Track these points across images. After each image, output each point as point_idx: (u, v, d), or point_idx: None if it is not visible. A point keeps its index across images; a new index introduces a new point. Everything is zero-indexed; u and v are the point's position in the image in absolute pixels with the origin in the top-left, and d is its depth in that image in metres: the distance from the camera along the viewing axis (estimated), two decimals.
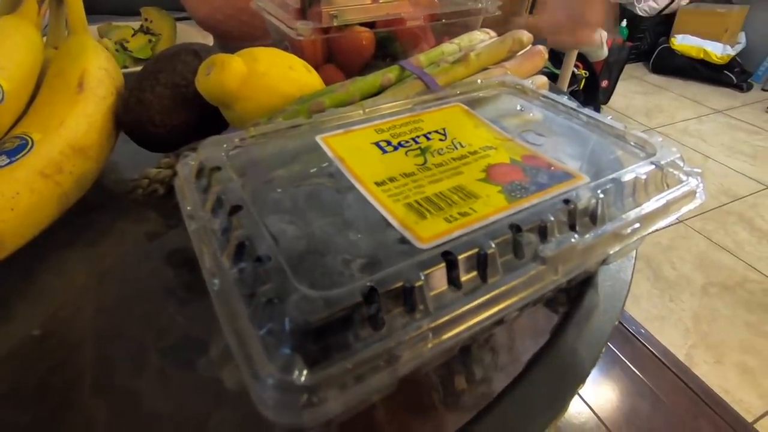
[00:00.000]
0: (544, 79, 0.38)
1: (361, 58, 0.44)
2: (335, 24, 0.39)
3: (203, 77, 0.32)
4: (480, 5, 0.47)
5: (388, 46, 0.45)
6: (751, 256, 1.48)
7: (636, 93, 2.63)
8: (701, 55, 2.67)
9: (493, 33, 0.44)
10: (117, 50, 0.48)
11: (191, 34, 0.56)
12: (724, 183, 1.87)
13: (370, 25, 0.43)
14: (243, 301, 0.16)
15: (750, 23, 2.70)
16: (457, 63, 0.35)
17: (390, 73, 0.35)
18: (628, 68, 2.54)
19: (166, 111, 0.33)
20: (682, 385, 1.07)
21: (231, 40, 0.61)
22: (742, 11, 2.69)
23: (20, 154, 0.27)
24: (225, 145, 0.22)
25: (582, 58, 2.16)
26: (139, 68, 0.49)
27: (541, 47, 0.37)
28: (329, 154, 0.23)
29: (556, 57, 1.85)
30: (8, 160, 0.27)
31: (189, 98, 0.34)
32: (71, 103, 0.31)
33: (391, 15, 0.42)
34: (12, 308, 0.26)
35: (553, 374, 0.21)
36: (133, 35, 0.51)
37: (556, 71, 1.54)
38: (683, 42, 2.71)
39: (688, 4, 2.79)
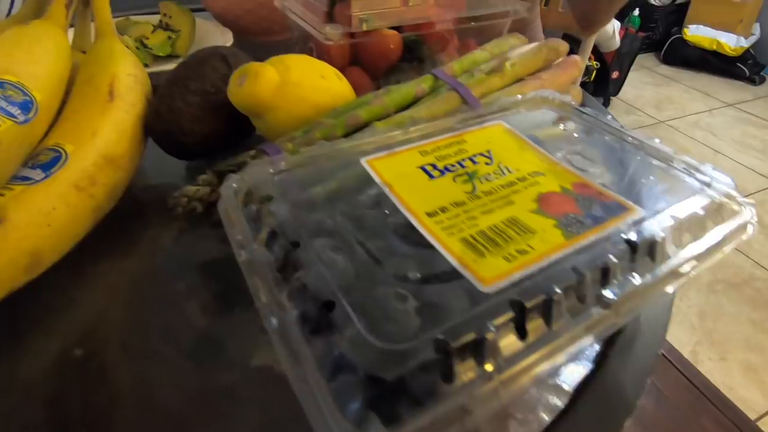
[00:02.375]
0: (578, 89, 0.38)
1: (388, 61, 0.43)
2: (364, 28, 0.38)
3: (236, 87, 0.31)
4: (509, 8, 0.45)
5: (415, 49, 0.44)
6: (758, 253, 1.48)
7: (646, 84, 2.60)
8: (714, 47, 2.63)
9: (523, 38, 0.43)
10: (137, 48, 0.47)
11: (209, 29, 0.55)
12: (734, 179, 1.86)
13: (397, 26, 0.42)
14: (306, 343, 0.15)
15: (765, 14, 2.64)
16: (492, 74, 0.34)
17: (423, 83, 0.34)
18: (639, 58, 2.50)
19: (195, 119, 0.33)
20: (686, 382, 1.08)
21: (249, 35, 0.59)
22: (758, 1, 2.63)
23: (55, 167, 0.27)
24: (270, 170, 0.22)
25: (593, 49, 2.12)
26: (159, 67, 0.48)
27: (576, 57, 0.36)
28: (376, 179, 0.22)
29: (570, 50, 1.82)
30: (44, 175, 0.26)
31: (218, 105, 0.34)
32: (102, 112, 0.30)
33: (421, 19, 0.41)
34: (48, 325, 0.26)
35: (601, 407, 0.21)
36: (152, 32, 0.50)
37: None
38: (696, 32, 2.66)
39: None
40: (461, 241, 0.19)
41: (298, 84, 0.32)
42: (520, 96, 0.29)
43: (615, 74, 2.33)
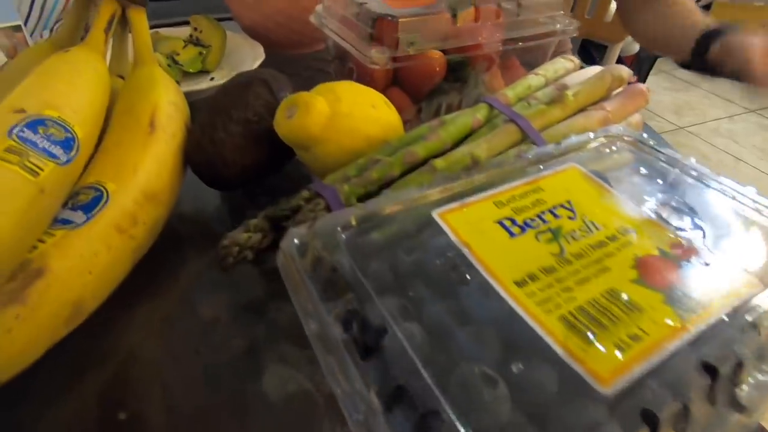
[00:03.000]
0: (638, 117, 0.35)
1: (431, 83, 0.41)
2: (411, 52, 0.36)
3: (284, 120, 0.29)
4: (558, 26, 0.43)
5: (459, 70, 0.42)
6: None
7: (665, 89, 2.55)
8: None
9: (576, 60, 0.40)
10: (169, 65, 0.45)
11: (239, 43, 0.54)
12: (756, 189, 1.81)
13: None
14: None
15: None
16: (552, 104, 0.32)
17: (478, 113, 0.32)
18: (658, 62, 2.46)
19: (238, 150, 0.31)
20: None
21: (279, 47, 0.58)
22: None
23: (96, 209, 0.25)
24: (337, 227, 0.20)
25: None
26: (190, 84, 0.46)
27: (642, 86, 0.33)
28: (452, 238, 0.20)
29: (587, 54, 1.78)
30: (85, 217, 0.25)
31: (261, 134, 0.32)
32: (143, 145, 0.28)
33: (470, 41, 0.39)
34: (87, 380, 0.24)
35: None
36: (183, 47, 0.48)
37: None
38: None
39: None
40: (561, 320, 0.17)
41: (349, 115, 0.30)
42: (592, 134, 0.27)
43: (633, 79, 2.28)
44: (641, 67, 2.27)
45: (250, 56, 0.50)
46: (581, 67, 0.41)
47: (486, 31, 0.40)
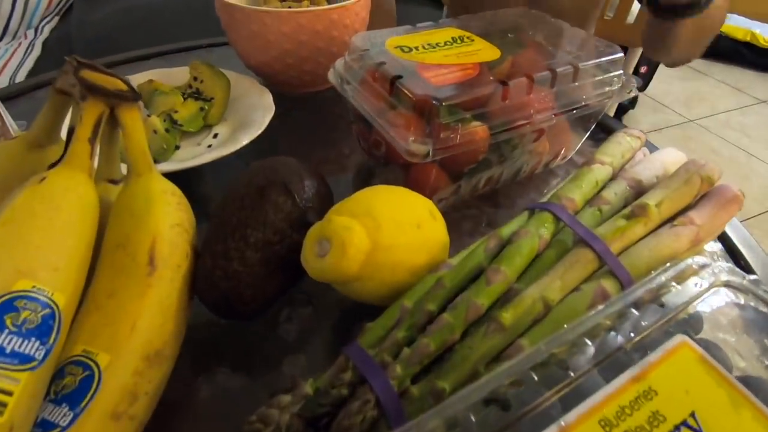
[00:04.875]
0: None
1: (473, 161, 0.35)
2: (458, 141, 0.30)
3: (314, 259, 0.24)
4: (613, 87, 0.37)
5: (503, 146, 0.36)
6: None
7: (674, 78, 2.47)
8: (748, 38, 2.49)
9: (642, 135, 0.35)
10: (167, 129, 0.39)
11: (245, 87, 0.47)
12: None
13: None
14: None
15: None
16: (633, 219, 0.26)
17: (542, 228, 0.27)
18: None
19: (258, 283, 0.26)
20: None
21: (288, 88, 0.51)
22: None
23: (86, 398, 0.20)
24: None
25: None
26: (193, 150, 0.40)
27: (737, 191, 0.28)
28: None
29: None
30: (72, 414, 0.20)
31: (281, 256, 0.27)
32: (142, 293, 0.23)
33: (522, 118, 0.33)
34: None
35: None
36: (182, 102, 0.42)
37: None
38: (729, 22, 2.51)
39: None
40: None
41: (392, 246, 0.25)
42: (694, 282, 0.22)
43: (643, 69, 2.20)
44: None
45: (259, 108, 0.44)
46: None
47: (538, 104, 0.34)
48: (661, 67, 2.36)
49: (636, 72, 2.15)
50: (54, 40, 1.23)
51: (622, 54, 0.37)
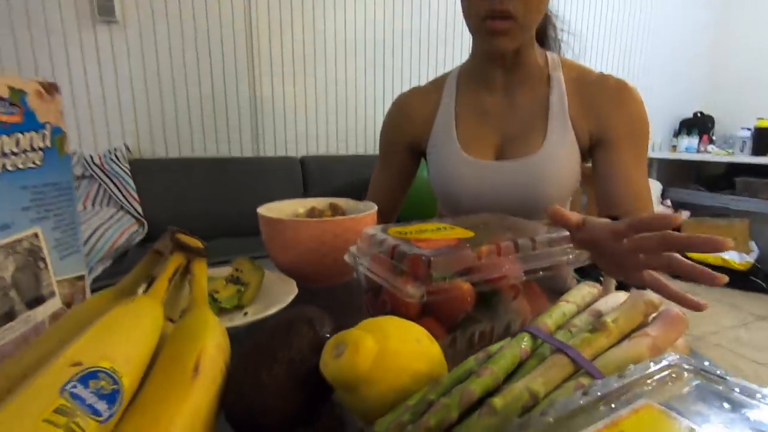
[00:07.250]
0: (682, 341, 0.35)
1: (463, 312, 0.42)
2: (444, 286, 0.39)
3: (331, 360, 0.29)
4: (569, 256, 0.47)
5: (488, 299, 0.44)
6: None
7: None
8: (719, 262, 2.73)
9: (598, 286, 0.43)
10: (209, 303, 0.47)
11: (273, 279, 0.57)
12: None
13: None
14: None
15: (756, 231, 2.83)
16: (596, 332, 0.32)
17: (522, 343, 0.32)
18: None
19: (282, 395, 0.30)
20: None
21: (312, 282, 0.62)
22: (744, 223, 2.87)
23: None
24: None
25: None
26: (225, 322, 0.47)
27: (678, 312, 0.34)
28: None
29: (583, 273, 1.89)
30: None
31: (303, 376, 0.31)
32: (183, 396, 0.27)
33: (495, 273, 0.42)
34: None
35: None
36: (224, 286, 0.52)
37: None
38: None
39: (688, 218, 3.00)
40: None
41: (397, 352, 0.30)
42: (652, 364, 0.26)
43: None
44: None
45: (284, 291, 0.53)
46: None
47: (508, 264, 0.43)
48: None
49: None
50: (104, 276, 1.43)
51: (567, 233, 0.48)
